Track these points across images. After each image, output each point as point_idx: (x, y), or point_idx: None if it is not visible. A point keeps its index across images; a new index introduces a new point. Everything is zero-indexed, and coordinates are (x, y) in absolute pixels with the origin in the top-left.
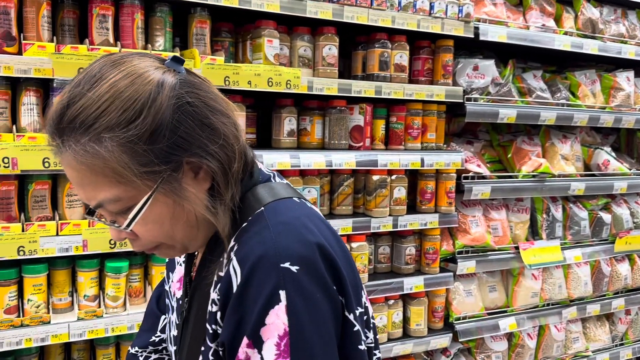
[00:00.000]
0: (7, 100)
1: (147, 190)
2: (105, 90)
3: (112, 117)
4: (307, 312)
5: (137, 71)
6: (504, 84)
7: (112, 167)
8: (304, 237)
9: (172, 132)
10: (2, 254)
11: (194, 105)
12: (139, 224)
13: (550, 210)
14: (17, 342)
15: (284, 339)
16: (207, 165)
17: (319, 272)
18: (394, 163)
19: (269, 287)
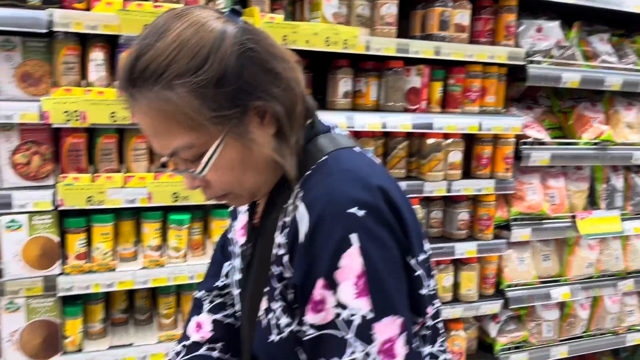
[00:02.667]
0: (77, 56)
1: (217, 135)
2: (172, 40)
3: (181, 65)
4: (378, 252)
5: (200, 21)
6: (569, 47)
7: (185, 113)
8: (367, 183)
9: (238, 77)
10: (73, 203)
11: (255, 51)
12: (211, 170)
13: (611, 179)
14: (86, 287)
15: (361, 278)
16: (272, 109)
17: (384, 216)
18: (450, 126)
19: (339, 232)
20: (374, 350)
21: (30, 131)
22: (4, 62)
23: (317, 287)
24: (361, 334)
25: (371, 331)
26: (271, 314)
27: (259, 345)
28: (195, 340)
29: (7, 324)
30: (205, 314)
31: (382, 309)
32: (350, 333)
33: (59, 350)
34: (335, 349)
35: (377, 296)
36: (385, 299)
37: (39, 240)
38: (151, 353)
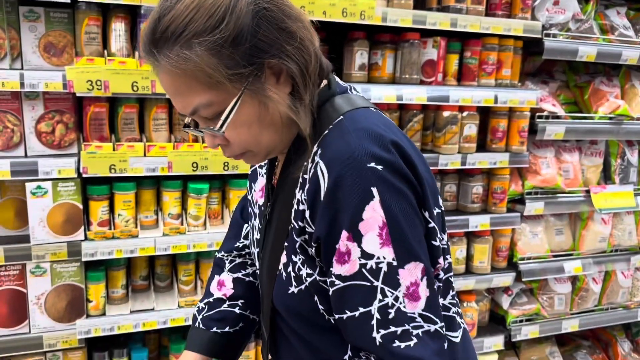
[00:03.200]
0: (99, 26)
1: (235, 93)
2: (190, 1)
3: (199, 25)
4: (398, 205)
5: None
6: (585, 20)
7: (204, 70)
8: (384, 139)
9: (253, 36)
10: (96, 170)
11: (270, 10)
12: (230, 128)
13: (626, 154)
14: (109, 253)
15: (383, 229)
16: (287, 67)
17: (402, 170)
18: (466, 99)
19: (361, 185)
20: (401, 294)
21: (54, 100)
22: (28, 32)
23: (342, 239)
24: (389, 280)
25: (397, 276)
26: (290, 266)
27: (279, 296)
28: (217, 297)
29: (34, 287)
30: (226, 273)
31: (404, 256)
32: (378, 281)
33: (83, 314)
34: (362, 298)
35: (399, 245)
36: (407, 247)
37: (63, 206)
38: (171, 317)
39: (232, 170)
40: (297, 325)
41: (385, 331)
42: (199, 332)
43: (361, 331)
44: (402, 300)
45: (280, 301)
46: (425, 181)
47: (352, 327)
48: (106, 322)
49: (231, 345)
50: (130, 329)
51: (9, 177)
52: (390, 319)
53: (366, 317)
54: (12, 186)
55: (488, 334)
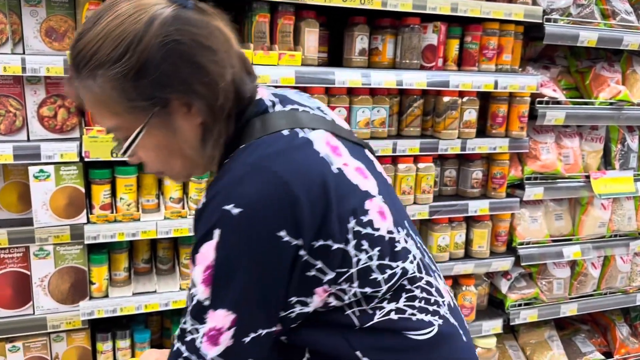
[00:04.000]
0: None
1: (142, 120)
2: (100, 29)
3: (103, 55)
4: (235, 252)
5: (132, 9)
6: (587, 5)
7: (106, 101)
8: (262, 177)
9: (157, 70)
10: (98, 154)
11: (181, 42)
12: (139, 151)
13: (626, 140)
14: (111, 236)
15: (208, 270)
16: (193, 103)
17: (263, 216)
18: (466, 84)
19: (209, 224)
20: (202, 331)
21: (55, 85)
22: (30, 17)
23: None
24: (196, 313)
25: (205, 315)
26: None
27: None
28: None
29: (37, 270)
30: None
31: (218, 302)
32: (190, 306)
33: (86, 296)
34: (184, 310)
35: (218, 290)
36: (225, 296)
37: (65, 190)
38: (173, 300)
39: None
40: None
41: (180, 346)
42: None
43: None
44: (201, 337)
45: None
46: (305, 220)
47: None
48: (109, 303)
49: None
50: (133, 311)
51: (12, 161)
52: (185, 340)
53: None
54: (15, 170)
55: (487, 317)
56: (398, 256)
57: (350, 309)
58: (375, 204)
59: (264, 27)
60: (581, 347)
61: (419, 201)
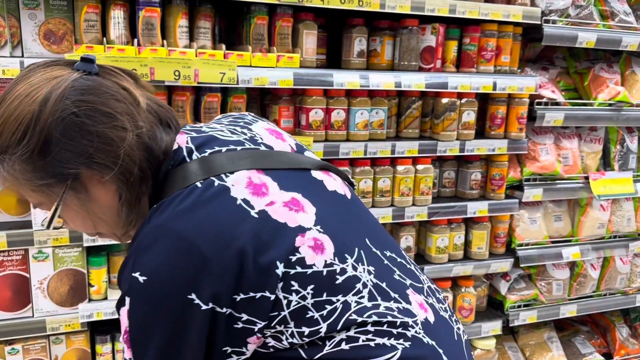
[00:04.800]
0: (98, 14)
1: (57, 196)
2: (0, 115)
3: (5, 140)
4: (142, 319)
5: (27, 90)
6: (585, 6)
7: (18, 182)
8: (165, 244)
9: (57, 146)
10: None
11: (77, 115)
12: (66, 221)
13: (625, 141)
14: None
15: (126, 333)
16: (99, 171)
17: (168, 283)
18: (464, 86)
19: (122, 290)
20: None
21: None
22: (28, 20)
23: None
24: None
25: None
26: None
27: None
28: None
29: (37, 272)
30: None
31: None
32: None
33: (85, 298)
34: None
35: (137, 353)
36: (143, 356)
37: None
38: None
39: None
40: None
41: None
42: None
43: None
44: None
45: None
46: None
47: None
48: (108, 306)
49: None
50: None
51: None
52: None
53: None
54: None
55: (486, 319)
56: (339, 289)
57: (297, 343)
58: (308, 238)
59: (262, 29)
60: (581, 348)
61: (418, 203)
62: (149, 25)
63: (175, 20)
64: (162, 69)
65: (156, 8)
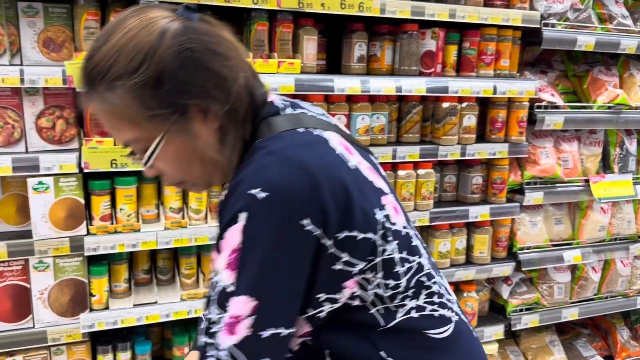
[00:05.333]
0: (98, 21)
1: (161, 130)
2: (114, 43)
3: (120, 67)
4: (261, 235)
5: (143, 23)
6: (584, 10)
7: (125, 112)
8: (288, 166)
9: (174, 78)
10: (97, 165)
11: (194, 50)
12: (160, 161)
13: (625, 143)
14: (111, 247)
15: (234, 254)
16: (210, 107)
17: (289, 201)
18: (465, 90)
19: (235, 208)
20: (224, 320)
21: (54, 96)
22: (27, 28)
23: (214, 248)
24: (220, 301)
25: (227, 302)
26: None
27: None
28: None
29: (37, 283)
30: None
31: (242, 287)
32: (215, 295)
33: (86, 308)
34: (207, 302)
35: (242, 274)
36: (249, 280)
37: (65, 201)
38: (174, 310)
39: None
40: None
41: (208, 340)
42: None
43: (201, 329)
44: (222, 326)
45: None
46: (330, 209)
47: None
48: (109, 315)
49: None
50: (134, 323)
51: (11, 173)
52: (210, 332)
53: (206, 319)
54: (13, 182)
55: (488, 323)
56: (414, 251)
57: (374, 307)
58: (389, 200)
59: (263, 35)
60: (582, 351)
61: (419, 207)
62: None
63: None
64: None
65: None
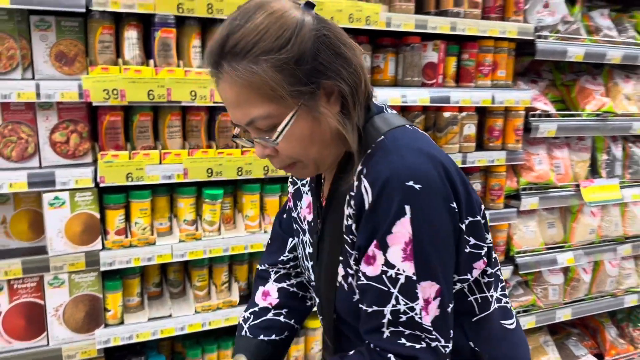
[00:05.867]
0: (112, 35)
1: (292, 107)
2: (260, 22)
3: (268, 43)
4: (428, 224)
5: (283, 8)
6: (573, 22)
7: (268, 84)
8: (423, 157)
9: (313, 58)
10: (113, 179)
11: (329, 37)
12: (283, 140)
13: (611, 149)
14: (127, 261)
15: (409, 245)
16: (340, 88)
17: (439, 189)
18: (465, 100)
19: (397, 202)
20: (418, 306)
21: (68, 110)
22: (40, 41)
23: (371, 246)
24: (405, 292)
25: (416, 290)
26: (349, 277)
27: (343, 305)
28: (263, 306)
29: (52, 299)
30: (271, 283)
31: (423, 274)
32: (395, 289)
33: (101, 323)
34: (377, 299)
35: (420, 262)
36: (427, 266)
37: (81, 216)
38: (189, 324)
39: (245, 176)
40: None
41: (395, 329)
42: (247, 340)
43: (372, 325)
44: (419, 312)
45: (346, 309)
46: (460, 195)
47: (365, 319)
48: (125, 330)
49: (276, 352)
50: (149, 337)
51: (26, 189)
52: (401, 321)
53: (378, 315)
54: (25, 198)
55: None
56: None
57: (472, 295)
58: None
59: None
60: (574, 350)
61: None
62: (165, 45)
63: (189, 40)
64: (179, 89)
65: (172, 29)
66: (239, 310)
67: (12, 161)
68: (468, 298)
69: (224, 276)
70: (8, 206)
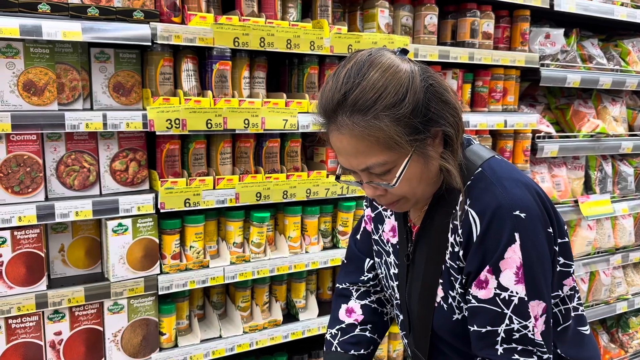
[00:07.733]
0: (171, 67)
1: (407, 153)
2: (376, 79)
3: (387, 100)
4: (534, 249)
5: (392, 63)
6: (570, 51)
7: (389, 137)
8: (522, 187)
9: (426, 108)
10: (172, 205)
11: (435, 86)
12: (400, 179)
13: (603, 167)
14: (183, 284)
15: (520, 269)
16: (446, 131)
17: (539, 217)
18: (482, 124)
19: (508, 231)
20: (531, 324)
21: (127, 139)
22: (99, 72)
23: (484, 271)
24: (518, 311)
25: (527, 309)
26: (450, 299)
27: (443, 324)
28: (349, 323)
29: (111, 325)
30: (353, 301)
31: (532, 294)
32: (508, 309)
33: (156, 348)
34: (491, 320)
35: (530, 284)
36: (536, 287)
37: (142, 242)
38: (238, 344)
39: (289, 199)
40: (460, 344)
41: (508, 346)
42: (337, 355)
43: (486, 343)
44: (531, 329)
45: (445, 328)
46: (553, 219)
47: (477, 338)
48: (179, 353)
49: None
50: (201, 359)
51: (91, 217)
52: (514, 339)
53: (492, 334)
54: (83, 225)
55: None
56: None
57: (556, 307)
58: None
59: (314, 77)
60: None
61: None
62: (222, 77)
63: (240, 72)
64: (234, 118)
65: (229, 62)
66: (283, 329)
67: (75, 190)
68: (554, 310)
69: (265, 296)
70: (66, 234)
